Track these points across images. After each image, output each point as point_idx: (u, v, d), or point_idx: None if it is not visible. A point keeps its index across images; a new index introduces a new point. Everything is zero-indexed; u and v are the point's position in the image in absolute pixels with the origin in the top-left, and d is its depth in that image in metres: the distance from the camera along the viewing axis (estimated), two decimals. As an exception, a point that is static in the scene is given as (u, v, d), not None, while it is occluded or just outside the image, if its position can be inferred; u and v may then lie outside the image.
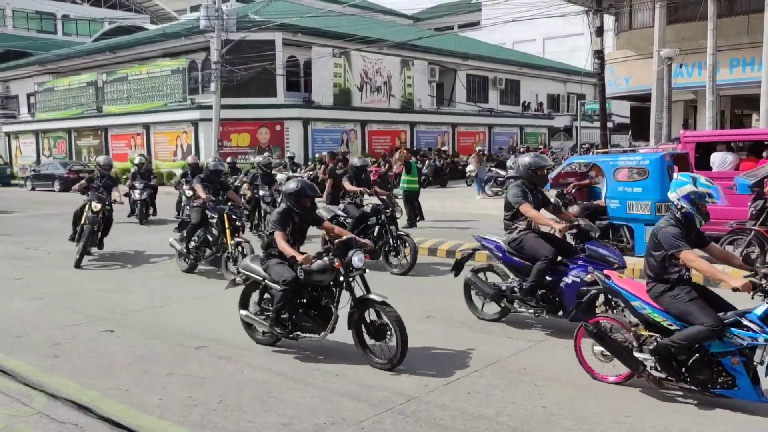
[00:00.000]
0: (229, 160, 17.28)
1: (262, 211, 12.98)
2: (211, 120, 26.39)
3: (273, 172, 14.76)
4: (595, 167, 10.92)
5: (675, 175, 5.39)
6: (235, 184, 14.66)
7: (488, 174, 22.63)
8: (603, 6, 19.90)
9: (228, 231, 9.43)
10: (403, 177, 14.94)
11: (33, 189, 30.14)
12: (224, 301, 7.99)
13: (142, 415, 4.63)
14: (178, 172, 27.05)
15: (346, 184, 10.80)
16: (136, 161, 17.55)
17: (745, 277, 4.59)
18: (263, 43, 28.12)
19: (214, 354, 5.95)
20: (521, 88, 42.79)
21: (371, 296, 5.60)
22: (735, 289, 4.52)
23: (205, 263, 9.85)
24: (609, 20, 24.34)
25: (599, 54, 19.39)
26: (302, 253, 5.75)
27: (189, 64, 31.36)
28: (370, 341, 5.61)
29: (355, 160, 11.99)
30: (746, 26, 19.81)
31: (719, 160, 11.16)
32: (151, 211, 16.86)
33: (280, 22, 28.63)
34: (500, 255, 6.82)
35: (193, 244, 9.74)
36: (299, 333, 5.86)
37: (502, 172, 22.75)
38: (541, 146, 36.25)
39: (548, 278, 6.42)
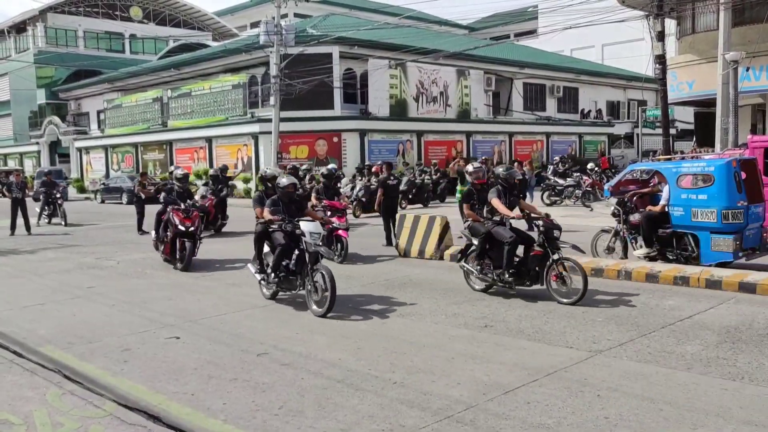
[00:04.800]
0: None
1: None
2: (270, 133, 26.98)
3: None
4: (658, 174, 10.66)
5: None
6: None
7: (546, 182, 22.40)
8: (664, 10, 19.43)
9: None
10: (458, 188, 14.91)
11: (102, 202, 31.43)
12: (285, 310, 8.18)
13: (207, 418, 4.78)
14: (239, 183, 27.74)
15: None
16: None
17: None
18: (321, 57, 28.62)
19: (276, 361, 6.08)
20: (579, 96, 42.11)
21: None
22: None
23: None
24: (670, 24, 23.73)
25: (661, 59, 18.95)
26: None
27: (249, 78, 32.19)
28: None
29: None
30: (817, 26, 19.02)
31: (790, 165, 10.75)
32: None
33: (337, 36, 29.13)
34: None
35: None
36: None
37: (561, 181, 22.48)
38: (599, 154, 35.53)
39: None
